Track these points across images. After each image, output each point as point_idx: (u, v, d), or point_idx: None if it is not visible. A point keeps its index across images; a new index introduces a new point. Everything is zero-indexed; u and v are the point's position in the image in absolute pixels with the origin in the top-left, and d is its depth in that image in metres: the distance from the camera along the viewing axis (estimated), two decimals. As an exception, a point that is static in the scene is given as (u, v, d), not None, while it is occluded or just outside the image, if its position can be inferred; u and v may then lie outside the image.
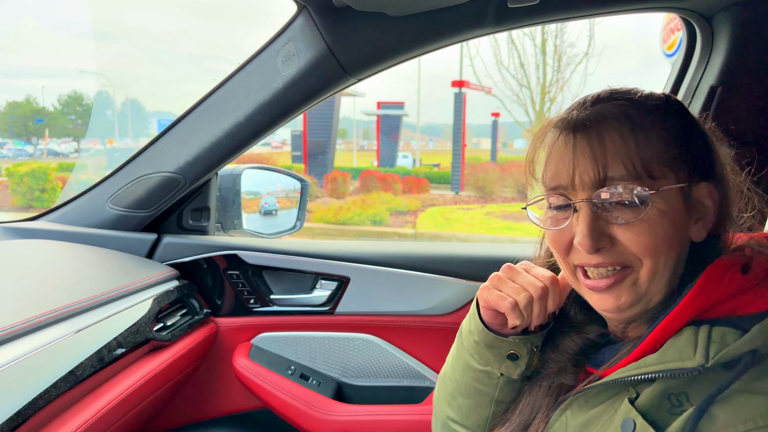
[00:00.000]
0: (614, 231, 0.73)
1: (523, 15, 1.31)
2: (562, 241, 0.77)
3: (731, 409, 0.60)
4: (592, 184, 0.73)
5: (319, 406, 1.53)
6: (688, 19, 1.38)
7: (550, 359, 0.86)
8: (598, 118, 0.75)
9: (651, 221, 0.71)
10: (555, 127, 0.79)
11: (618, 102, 0.76)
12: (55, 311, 1.09)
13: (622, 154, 0.72)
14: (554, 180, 0.77)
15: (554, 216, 0.78)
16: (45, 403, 0.95)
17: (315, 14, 1.33)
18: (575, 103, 0.80)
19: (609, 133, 0.73)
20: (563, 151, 0.76)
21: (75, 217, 1.64)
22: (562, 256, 0.79)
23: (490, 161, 21.31)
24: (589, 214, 0.73)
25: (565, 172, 0.75)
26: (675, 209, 0.73)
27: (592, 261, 0.74)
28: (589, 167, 0.73)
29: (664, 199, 0.72)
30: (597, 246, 0.72)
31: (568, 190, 0.76)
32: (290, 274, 1.67)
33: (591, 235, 0.72)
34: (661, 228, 0.72)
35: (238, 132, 1.48)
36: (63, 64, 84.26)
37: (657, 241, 0.71)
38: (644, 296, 0.74)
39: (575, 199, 0.75)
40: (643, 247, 0.71)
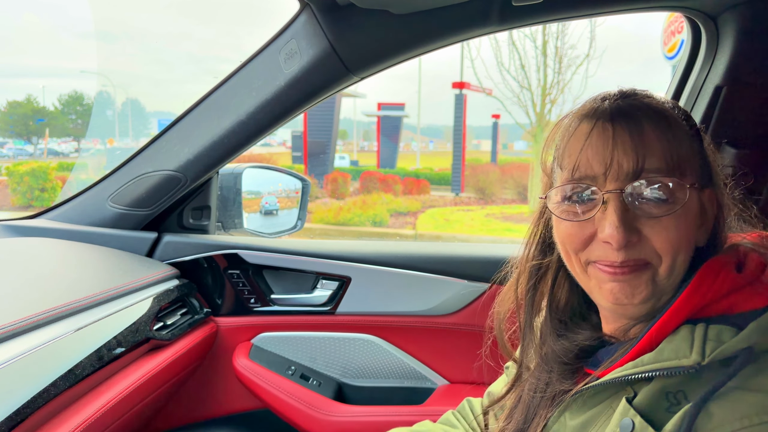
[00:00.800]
0: (641, 226, 0.71)
1: (527, 13, 1.30)
2: (581, 235, 0.75)
3: (728, 406, 0.60)
4: (627, 174, 0.71)
5: (320, 407, 1.52)
6: (693, 18, 1.37)
7: (547, 362, 0.85)
8: (635, 109, 0.73)
9: (678, 218, 0.71)
10: (587, 117, 0.76)
11: (649, 98, 0.76)
12: (54, 309, 1.08)
13: (660, 147, 0.71)
14: (584, 169, 0.74)
15: (573, 209, 0.75)
16: (44, 401, 0.94)
17: (318, 12, 1.32)
18: (598, 96, 0.78)
19: (648, 125, 0.72)
20: (599, 140, 0.73)
21: (75, 215, 1.63)
22: (575, 252, 0.77)
23: (491, 163, 21.34)
24: (620, 205, 0.71)
25: (599, 162, 0.72)
26: (694, 210, 0.73)
27: (617, 258, 0.71)
28: (627, 157, 0.71)
29: (689, 198, 0.71)
30: (627, 239, 0.70)
31: (597, 180, 0.73)
32: (291, 274, 1.66)
33: (624, 227, 0.70)
34: (685, 225, 0.71)
35: (240, 130, 1.47)
36: (64, 64, 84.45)
37: (681, 238, 0.71)
38: (658, 293, 0.73)
39: (604, 189, 0.72)
40: (669, 243, 0.70)
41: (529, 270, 0.88)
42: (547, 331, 0.86)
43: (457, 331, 1.60)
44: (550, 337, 0.85)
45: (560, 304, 0.88)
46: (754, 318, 0.65)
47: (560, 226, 0.78)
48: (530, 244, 0.89)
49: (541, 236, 0.88)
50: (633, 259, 0.71)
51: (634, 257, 0.71)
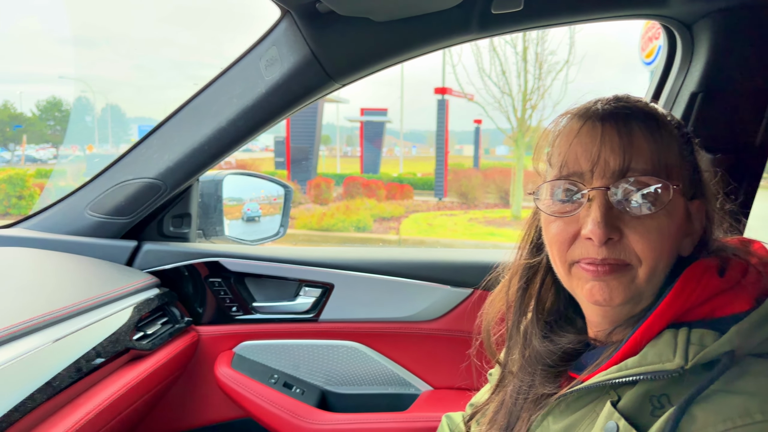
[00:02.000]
0: (624, 225, 0.72)
1: (506, 21, 1.31)
2: (566, 233, 0.76)
3: (711, 409, 0.61)
4: (613, 173, 0.72)
5: (303, 415, 1.51)
6: (668, 26, 1.39)
7: (532, 368, 0.85)
8: (626, 112, 0.75)
9: (661, 220, 0.72)
10: (578, 116, 0.78)
11: (641, 104, 0.77)
12: (31, 320, 1.06)
13: (648, 148, 0.72)
14: (572, 166, 0.75)
15: (560, 206, 0.77)
16: (20, 415, 0.92)
17: (298, 19, 1.32)
18: (593, 100, 0.80)
19: (638, 127, 0.73)
20: (588, 138, 0.74)
21: (52, 224, 1.60)
22: (560, 252, 0.77)
23: (473, 168, 21.43)
24: (604, 202, 0.72)
25: (587, 159, 0.74)
26: (679, 216, 0.74)
27: (597, 255, 0.72)
28: (614, 155, 0.72)
29: (674, 202, 0.72)
30: (608, 235, 0.71)
31: (583, 177, 0.74)
32: (273, 281, 1.65)
33: (605, 223, 0.71)
34: (668, 230, 0.72)
35: (220, 137, 1.46)
36: (42, 70, 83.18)
37: (663, 242, 0.72)
38: (637, 296, 0.74)
39: (589, 187, 0.73)
40: (650, 245, 0.71)
41: (521, 270, 0.89)
42: (532, 332, 0.87)
43: (441, 336, 1.60)
44: (535, 339, 0.85)
45: (546, 306, 0.89)
46: (736, 322, 0.65)
47: (548, 224, 0.79)
48: (523, 246, 0.91)
49: (533, 237, 0.89)
50: (613, 257, 0.72)
51: (614, 256, 0.72)
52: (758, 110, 1.30)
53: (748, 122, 1.31)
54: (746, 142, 1.31)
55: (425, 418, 1.49)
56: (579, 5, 1.31)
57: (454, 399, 1.56)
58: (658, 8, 1.32)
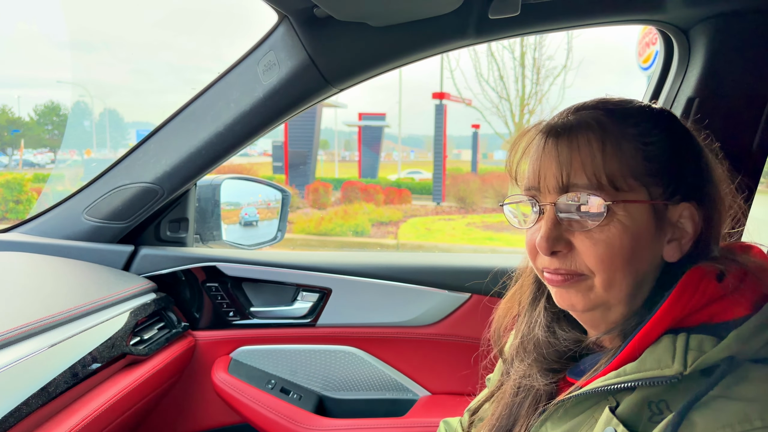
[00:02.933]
0: (573, 238, 0.75)
1: (503, 26, 1.32)
2: (530, 244, 0.79)
3: (710, 415, 0.61)
4: (555, 189, 0.75)
5: (301, 421, 1.51)
6: (665, 31, 1.40)
7: (529, 356, 0.85)
8: (571, 125, 0.76)
9: (611, 233, 0.72)
10: (532, 131, 0.82)
11: (597, 111, 0.77)
12: (27, 326, 1.06)
13: (587, 163, 0.73)
14: (529, 180, 0.80)
15: (528, 218, 0.81)
16: (16, 420, 0.92)
17: (296, 24, 1.32)
18: (565, 110, 0.81)
19: (578, 141, 0.74)
20: (536, 153, 0.78)
21: (49, 229, 1.60)
22: (531, 260, 0.81)
23: (471, 172, 21.43)
24: (552, 217, 0.75)
25: (535, 174, 0.78)
26: (640, 225, 0.73)
27: (550, 265, 0.76)
28: (553, 172, 0.75)
29: (628, 213, 0.72)
30: (552, 248, 0.74)
31: (538, 191, 0.78)
32: (270, 286, 1.64)
33: (548, 237, 0.74)
34: (620, 242, 0.72)
35: (218, 142, 1.46)
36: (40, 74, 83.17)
37: (613, 254, 0.72)
38: (601, 304, 0.75)
39: (543, 201, 0.77)
40: (598, 258, 0.72)
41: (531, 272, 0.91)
42: (538, 320, 0.87)
43: (439, 341, 1.60)
44: (539, 327, 0.86)
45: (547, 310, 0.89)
46: (735, 327, 0.65)
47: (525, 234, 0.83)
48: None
49: None
50: (564, 268, 0.75)
51: (565, 267, 0.75)
52: (755, 115, 1.30)
53: (745, 127, 1.31)
54: (743, 146, 1.31)
55: (423, 424, 1.48)
56: (576, 11, 1.32)
57: (451, 404, 1.56)
58: (654, 14, 1.32)
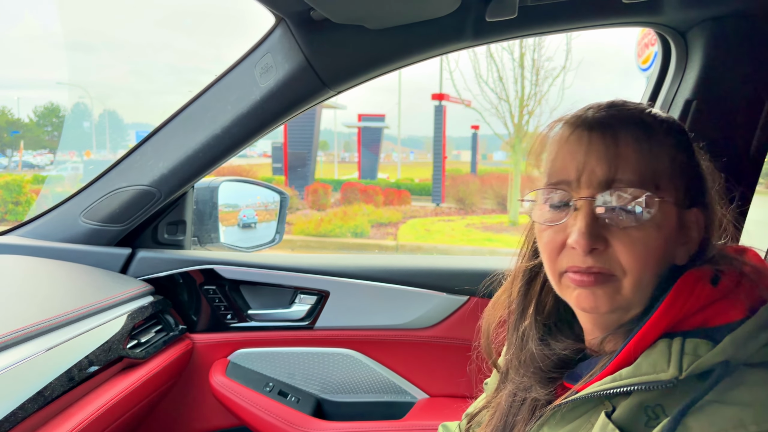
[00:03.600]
0: (610, 235, 0.72)
1: (501, 29, 1.32)
2: (555, 242, 0.76)
3: (705, 420, 0.61)
4: (599, 183, 0.72)
5: (298, 424, 1.51)
6: (663, 34, 1.40)
7: (526, 370, 0.85)
8: (615, 120, 0.74)
9: (648, 232, 0.71)
10: (568, 124, 0.77)
11: (634, 110, 0.76)
12: (24, 329, 1.06)
13: (635, 159, 0.71)
14: (560, 174, 0.75)
15: (550, 215, 0.77)
16: (11, 425, 0.92)
17: (293, 26, 1.32)
18: (587, 106, 0.79)
19: (625, 136, 0.72)
20: (575, 146, 0.74)
21: (47, 232, 1.60)
22: (551, 260, 0.77)
23: (471, 173, 21.44)
24: (590, 212, 0.72)
25: (574, 168, 0.74)
26: (670, 227, 0.73)
27: (583, 264, 0.72)
28: (600, 165, 0.72)
29: (663, 213, 0.72)
30: (592, 245, 0.71)
31: (571, 186, 0.74)
32: (268, 289, 1.64)
33: (588, 233, 0.71)
34: (656, 242, 0.71)
35: (215, 144, 1.46)
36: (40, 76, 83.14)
37: (648, 253, 0.71)
38: (624, 306, 0.74)
39: (577, 196, 0.73)
40: (635, 257, 0.71)
41: (521, 274, 0.89)
42: (529, 334, 0.86)
43: (437, 344, 1.59)
44: (532, 341, 0.85)
45: (546, 309, 0.88)
46: (730, 331, 0.65)
47: (540, 232, 0.79)
48: (524, 249, 0.91)
49: (532, 240, 0.89)
50: (598, 267, 0.72)
51: (599, 265, 0.72)
52: (752, 117, 1.30)
53: (743, 129, 1.31)
54: (741, 149, 1.31)
55: (421, 427, 1.48)
56: (573, 13, 1.32)
57: (450, 407, 1.55)
58: (652, 16, 1.32)
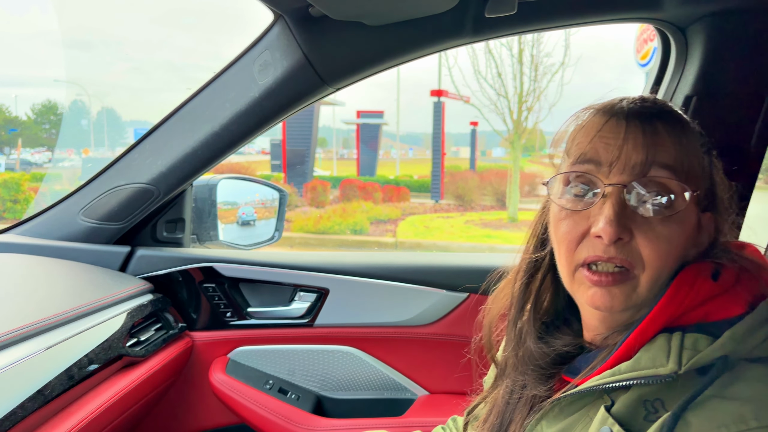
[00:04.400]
0: (635, 227, 0.71)
1: (500, 25, 1.31)
2: (575, 231, 0.74)
3: (705, 415, 0.61)
4: (635, 168, 0.70)
5: (299, 421, 1.51)
6: (662, 29, 1.39)
7: (524, 367, 0.84)
8: (653, 111, 0.73)
9: (673, 227, 0.70)
10: (602, 112, 0.75)
11: (666, 106, 0.76)
12: (23, 328, 1.06)
13: (672, 149, 0.71)
14: (592, 155, 0.73)
15: (573, 202, 0.75)
16: (11, 424, 0.91)
17: (291, 23, 1.31)
18: (617, 99, 0.78)
19: (664, 127, 0.72)
20: (611, 134, 0.72)
21: (45, 230, 1.60)
22: (568, 251, 0.75)
23: (470, 170, 21.43)
24: (620, 200, 0.70)
25: (608, 153, 0.72)
26: (691, 225, 0.73)
27: (605, 254, 0.71)
28: (637, 152, 0.70)
29: (688, 210, 0.71)
30: (619, 235, 0.69)
31: (601, 170, 0.72)
32: (268, 287, 1.64)
33: (617, 222, 0.69)
34: (678, 239, 0.71)
35: (214, 142, 1.46)
36: (37, 73, 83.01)
37: (670, 250, 0.71)
38: (637, 304, 0.73)
39: (607, 182, 0.71)
40: (657, 252, 0.70)
41: (525, 265, 0.88)
42: (527, 331, 0.85)
43: (437, 341, 1.59)
44: (530, 339, 0.85)
45: (544, 306, 0.88)
46: (729, 326, 0.65)
47: (558, 221, 0.77)
48: (530, 241, 0.89)
49: (539, 232, 0.88)
50: (620, 258, 0.71)
51: (621, 256, 0.70)
52: (752, 113, 1.30)
53: (743, 125, 1.31)
54: (741, 144, 1.31)
55: (421, 423, 1.48)
56: (572, 9, 1.31)
57: (450, 404, 1.56)
58: (651, 11, 1.32)
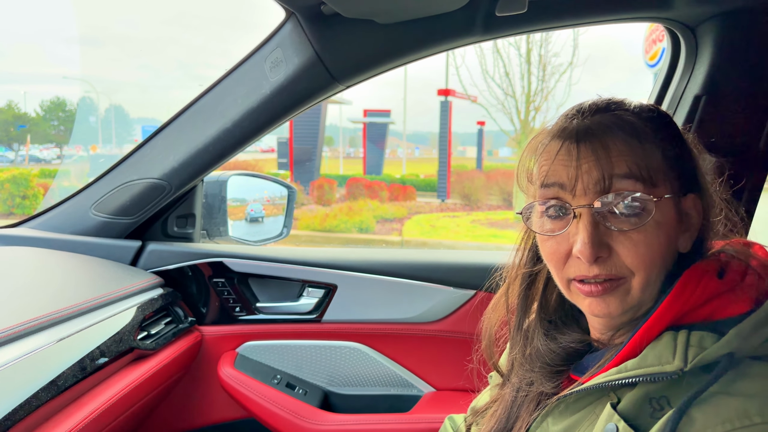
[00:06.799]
0: (612, 241, 0.72)
1: (510, 23, 1.32)
2: (559, 252, 0.76)
3: (710, 411, 0.61)
4: (596, 189, 0.72)
5: (306, 416, 1.52)
6: (672, 29, 1.39)
7: (532, 365, 0.85)
8: (601, 127, 0.74)
9: (649, 232, 0.71)
10: (555, 137, 0.77)
11: (618, 112, 0.77)
12: (37, 319, 1.07)
13: (628, 161, 0.72)
14: (555, 186, 0.75)
15: (551, 225, 0.77)
16: (25, 413, 0.93)
17: (303, 21, 1.32)
18: (571, 111, 0.80)
19: (614, 141, 0.73)
20: (566, 158, 0.74)
21: (58, 224, 1.61)
22: (557, 269, 0.78)
23: (476, 169, 21.36)
24: (591, 220, 0.72)
25: (568, 178, 0.74)
26: (669, 221, 0.73)
27: (589, 273, 0.73)
28: (594, 172, 0.72)
29: (661, 210, 0.72)
30: (597, 255, 0.71)
31: (567, 196, 0.74)
32: (276, 282, 1.65)
33: (592, 243, 0.71)
34: (657, 240, 0.72)
35: (225, 138, 1.47)
36: (46, 70, 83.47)
37: (653, 253, 0.72)
38: (635, 306, 0.74)
39: (576, 204, 0.73)
40: (639, 258, 0.71)
41: (521, 277, 0.90)
42: (535, 330, 0.87)
43: (444, 338, 1.60)
44: (538, 337, 0.86)
45: (551, 305, 0.89)
46: (735, 324, 0.66)
47: (542, 242, 0.79)
48: (521, 252, 0.91)
49: (531, 246, 0.89)
50: (605, 273, 0.72)
51: (605, 272, 0.72)
52: (762, 113, 1.30)
53: (752, 125, 1.31)
54: (750, 145, 1.31)
55: (427, 420, 1.49)
56: (583, 8, 1.31)
57: (456, 400, 1.56)
58: (661, 11, 1.32)
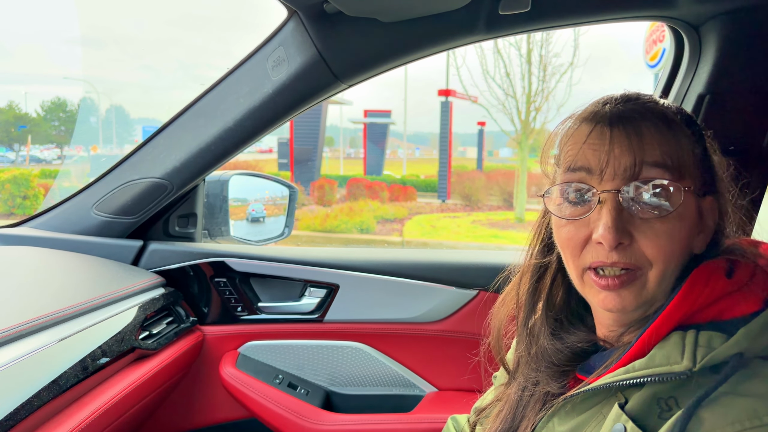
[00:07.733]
0: (634, 229, 0.72)
1: (513, 22, 1.31)
2: (577, 239, 0.75)
3: (718, 412, 0.61)
4: (624, 171, 0.71)
5: (308, 416, 1.51)
6: (675, 28, 1.39)
7: (537, 364, 0.85)
8: (635, 113, 0.74)
9: (672, 224, 0.71)
10: (586, 120, 0.77)
11: (651, 102, 0.77)
12: (38, 319, 1.07)
13: (660, 149, 0.71)
14: (582, 169, 0.74)
15: (570, 210, 0.76)
16: (27, 413, 0.93)
17: (306, 19, 1.32)
18: (601, 100, 0.79)
19: (648, 128, 0.72)
20: (597, 142, 0.73)
21: (59, 223, 1.61)
22: (573, 257, 0.77)
23: (477, 170, 21.36)
24: (615, 205, 0.71)
25: (597, 160, 0.73)
26: (691, 216, 0.73)
27: (608, 259, 0.72)
28: (625, 157, 0.71)
29: (686, 204, 0.72)
30: (619, 240, 0.71)
31: (593, 180, 0.73)
32: (278, 282, 1.65)
33: (615, 228, 0.70)
34: (679, 233, 0.72)
35: (227, 137, 1.47)
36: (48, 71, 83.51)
37: (673, 245, 0.71)
38: (648, 300, 0.74)
39: (601, 189, 0.72)
40: (660, 249, 0.71)
41: (531, 269, 0.89)
42: (540, 329, 0.86)
43: (445, 338, 1.60)
44: (543, 336, 0.85)
45: (557, 303, 0.88)
46: (744, 324, 0.65)
47: (559, 228, 0.78)
48: (533, 245, 0.90)
49: (543, 237, 0.89)
50: (623, 262, 0.72)
51: (624, 260, 0.72)
52: (766, 112, 1.29)
53: (756, 124, 1.30)
54: (754, 144, 1.30)
55: (430, 420, 1.49)
56: (586, 6, 1.31)
57: (458, 401, 1.56)
58: (665, 9, 1.31)
